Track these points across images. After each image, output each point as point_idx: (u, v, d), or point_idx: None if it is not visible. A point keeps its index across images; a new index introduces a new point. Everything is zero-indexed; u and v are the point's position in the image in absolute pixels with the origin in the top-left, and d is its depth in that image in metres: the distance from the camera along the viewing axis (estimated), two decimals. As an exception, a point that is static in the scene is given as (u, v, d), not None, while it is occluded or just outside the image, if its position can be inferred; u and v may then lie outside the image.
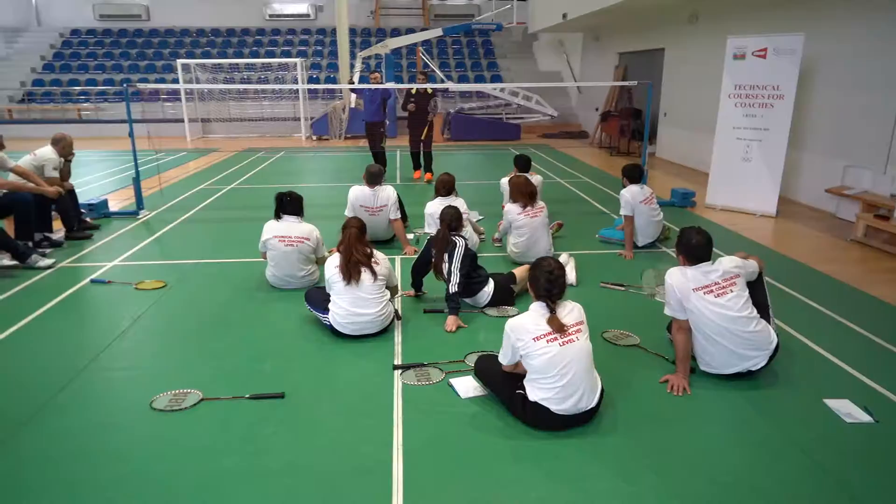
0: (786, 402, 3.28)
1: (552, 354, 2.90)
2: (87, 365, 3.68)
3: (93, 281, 5.17)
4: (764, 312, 3.48)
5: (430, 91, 9.17)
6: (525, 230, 5.42)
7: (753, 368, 3.39)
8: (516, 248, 5.48)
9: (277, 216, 4.91)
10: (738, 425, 3.08)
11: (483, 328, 4.22)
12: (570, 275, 5.03)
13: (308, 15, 21.35)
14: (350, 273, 3.89)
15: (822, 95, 7.66)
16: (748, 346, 3.33)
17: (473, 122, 15.90)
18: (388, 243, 6.18)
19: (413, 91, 9.08)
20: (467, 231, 5.60)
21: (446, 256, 4.29)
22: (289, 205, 4.89)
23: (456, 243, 4.29)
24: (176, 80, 17.76)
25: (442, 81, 16.60)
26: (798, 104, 7.24)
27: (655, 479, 2.66)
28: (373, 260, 3.98)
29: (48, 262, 5.57)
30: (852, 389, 3.41)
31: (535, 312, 3.02)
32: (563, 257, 5.25)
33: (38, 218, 6.13)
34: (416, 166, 9.79)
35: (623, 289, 4.95)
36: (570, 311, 3.04)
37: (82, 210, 7.00)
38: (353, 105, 15.84)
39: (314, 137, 16.01)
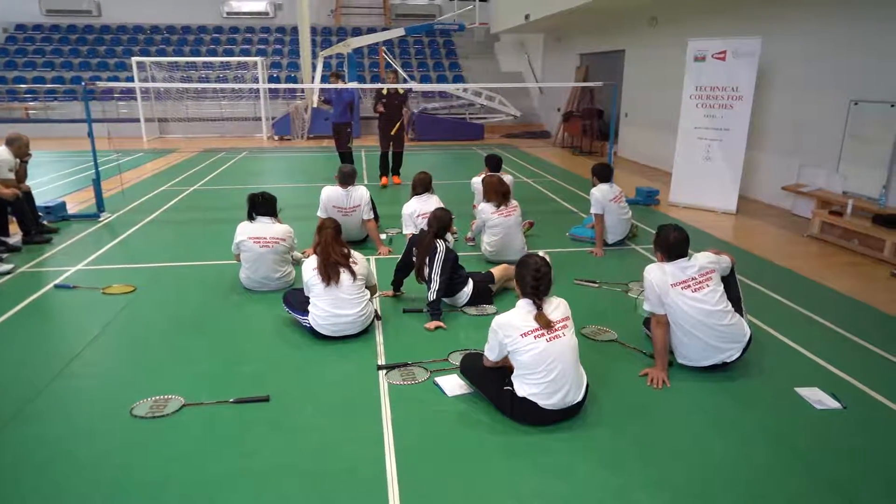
0: (760, 391, 3.41)
1: (539, 350, 2.95)
2: (60, 372, 3.56)
3: (57, 286, 4.99)
4: (737, 306, 3.60)
5: (401, 91, 9.13)
6: (499, 229, 5.47)
7: (728, 360, 3.51)
8: (490, 246, 5.53)
9: (251, 217, 4.84)
10: (716, 415, 3.19)
11: (463, 327, 4.25)
12: (546, 273, 5.10)
13: (267, 13, 21.00)
14: (329, 274, 3.86)
15: (778, 97, 7.96)
16: (723, 338, 3.46)
17: (437, 121, 15.93)
18: (362, 244, 6.16)
19: (384, 91, 9.01)
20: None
21: (427, 260, 4.30)
22: (262, 205, 4.82)
23: (437, 248, 4.30)
24: (130, 79, 17.26)
25: (405, 81, 16.58)
26: (754, 105, 7.51)
27: (642, 469, 2.74)
28: (351, 260, 3.97)
29: (6, 267, 5.35)
30: (819, 377, 3.57)
31: (522, 309, 3.07)
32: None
33: (-6, 222, 5.89)
34: (384, 171, 9.48)
35: (596, 286, 5.05)
36: (557, 308, 3.10)
37: (39, 213, 6.73)
38: (315, 105, 15.69)
39: (276, 137, 15.77)
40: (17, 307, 4.56)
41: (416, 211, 5.57)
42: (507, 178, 6.86)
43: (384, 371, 3.58)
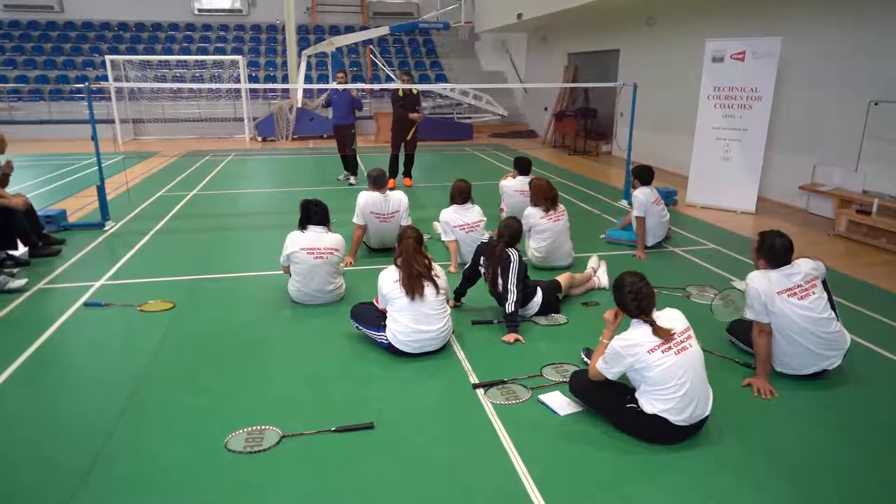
0: (868, 398, 3.37)
1: (669, 364, 2.82)
2: (127, 403, 3.25)
3: (87, 304, 4.62)
4: (833, 312, 3.55)
5: (415, 91, 8.89)
6: (547, 234, 5.33)
7: (829, 368, 3.46)
8: (538, 252, 5.38)
9: (303, 227, 4.57)
10: (836, 424, 3.12)
11: (541, 338, 4.09)
12: (603, 278, 5.00)
13: (241, 10, 20.36)
14: (413, 288, 3.65)
15: (792, 96, 8.04)
16: (827, 346, 3.40)
17: (426, 121, 15.61)
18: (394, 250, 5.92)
19: (400, 93, 8.75)
20: (483, 237, 5.46)
21: (499, 270, 4.12)
22: (315, 214, 4.55)
23: (510, 258, 4.12)
24: (100, 77, 16.49)
25: (390, 80, 16.33)
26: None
27: (788, 485, 2.64)
28: (433, 273, 3.77)
29: (20, 282, 4.94)
30: (917, 382, 3.55)
31: (639, 328, 2.93)
32: (593, 260, 5.21)
33: (1, 234, 5.43)
34: (393, 174, 9.14)
35: (655, 291, 4.94)
36: (674, 319, 2.98)
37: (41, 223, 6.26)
38: (300, 105, 15.29)
39: (259, 139, 15.27)
40: (50, 329, 4.18)
41: (455, 221, 5.37)
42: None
43: (482, 390, 3.40)
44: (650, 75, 11.46)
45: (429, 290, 3.68)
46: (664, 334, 2.86)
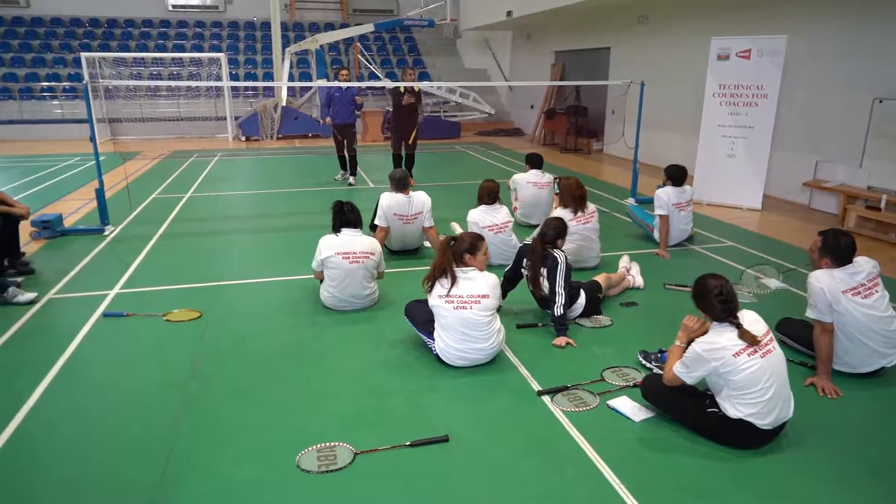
0: (931, 395, 3.38)
1: (756, 367, 2.76)
2: (178, 421, 3.06)
3: (106, 315, 4.38)
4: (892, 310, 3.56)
5: (417, 89, 8.76)
6: (576, 237, 5.25)
7: (888, 365, 3.46)
8: (566, 253, 5.30)
9: (336, 230, 4.41)
10: (909, 424, 3.12)
11: (591, 341, 4.01)
12: (638, 278, 4.96)
13: (216, 7, 19.86)
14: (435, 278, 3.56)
15: (795, 94, 8.13)
16: (889, 344, 3.40)
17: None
18: (416, 252, 5.81)
19: (403, 90, 8.60)
20: (511, 237, 5.38)
21: (545, 272, 4.03)
22: (349, 216, 4.39)
23: (557, 259, 4.03)
24: (72, 76, 15.91)
25: (378, 79, 16.13)
26: (771, 103, 7.64)
27: (886, 488, 2.60)
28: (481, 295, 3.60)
29: (30, 296, 4.64)
30: (970, 377, 3.58)
31: (723, 331, 2.86)
32: (625, 260, 5.17)
33: (4, 242, 5.13)
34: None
35: (690, 290, 4.92)
36: (756, 321, 2.92)
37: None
38: (285, 103, 14.98)
39: (243, 138, 14.89)
40: (74, 342, 3.94)
41: (484, 221, 5.29)
42: (548, 177, 6.74)
43: (548, 397, 3.30)
44: (643, 73, 11.48)
45: (471, 311, 3.51)
46: (750, 338, 2.80)
